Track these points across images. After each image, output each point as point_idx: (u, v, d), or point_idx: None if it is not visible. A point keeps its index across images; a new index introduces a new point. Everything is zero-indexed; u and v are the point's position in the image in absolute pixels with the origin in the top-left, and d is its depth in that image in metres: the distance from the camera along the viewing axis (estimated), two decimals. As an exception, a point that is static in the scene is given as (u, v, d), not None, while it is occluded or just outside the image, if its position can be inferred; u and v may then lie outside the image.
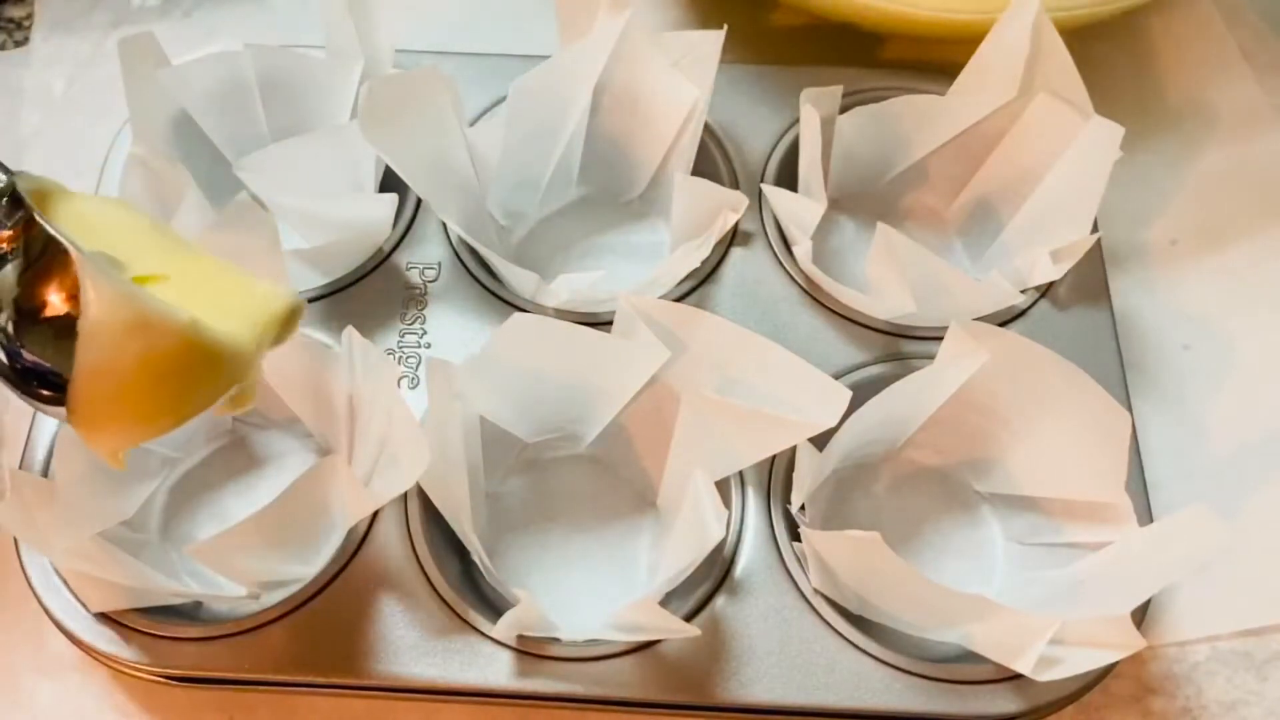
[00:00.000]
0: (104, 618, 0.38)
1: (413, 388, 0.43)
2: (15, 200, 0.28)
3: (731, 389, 0.38)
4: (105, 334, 0.28)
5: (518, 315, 0.38)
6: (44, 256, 0.28)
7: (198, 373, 0.31)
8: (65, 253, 0.28)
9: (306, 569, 0.39)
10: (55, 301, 0.27)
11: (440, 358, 0.38)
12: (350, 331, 0.39)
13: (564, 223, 0.50)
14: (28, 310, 0.28)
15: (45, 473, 0.41)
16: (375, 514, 0.40)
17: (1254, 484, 0.45)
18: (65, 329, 0.27)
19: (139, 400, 0.30)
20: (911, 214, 0.50)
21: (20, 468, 0.41)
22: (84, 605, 0.38)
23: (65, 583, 0.38)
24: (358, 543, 0.39)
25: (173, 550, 0.42)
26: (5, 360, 0.28)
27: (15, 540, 0.39)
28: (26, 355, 0.28)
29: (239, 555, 0.36)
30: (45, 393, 0.28)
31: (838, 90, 0.46)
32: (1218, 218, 0.52)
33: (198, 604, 0.40)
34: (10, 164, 0.30)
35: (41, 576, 0.39)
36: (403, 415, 0.36)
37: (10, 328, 0.28)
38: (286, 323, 0.34)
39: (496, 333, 0.38)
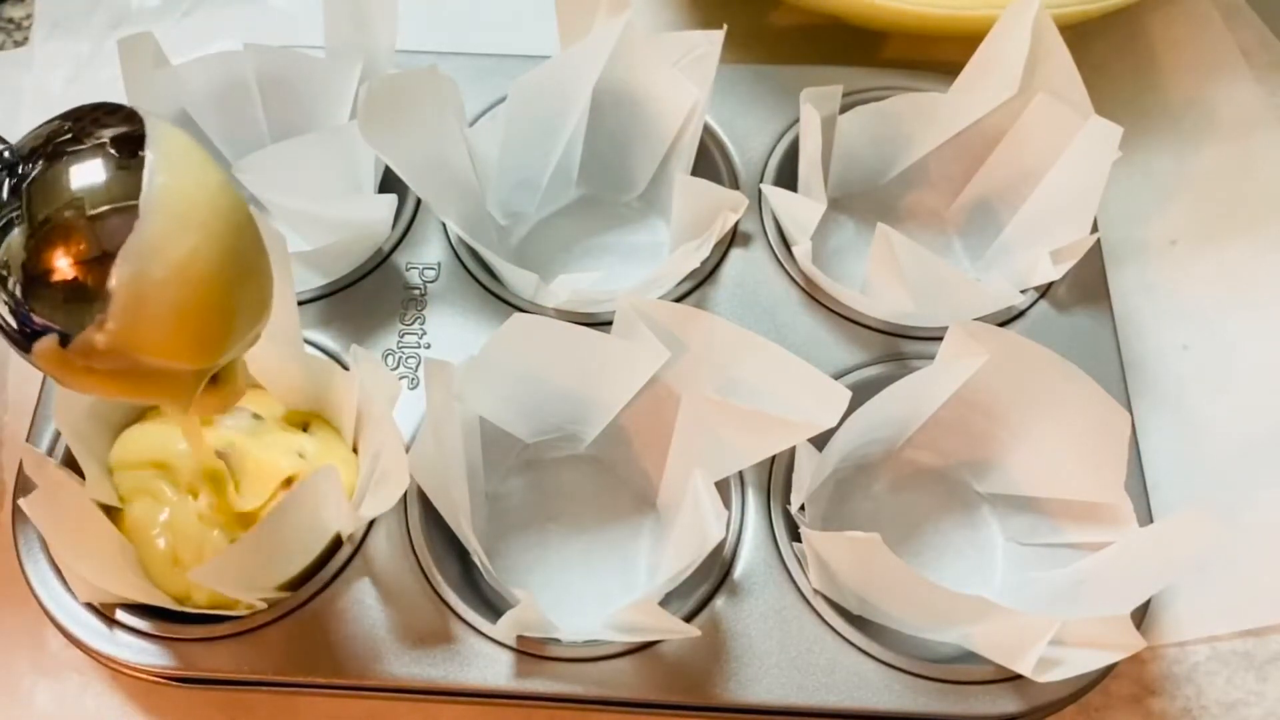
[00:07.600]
0: (104, 619, 0.38)
1: (412, 388, 0.43)
2: (11, 167, 0.28)
3: (731, 389, 0.38)
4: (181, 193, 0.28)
5: (518, 316, 0.38)
6: (49, 222, 0.28)
7: (250, 261, 0.31)
8: (71, 218, 0.27)
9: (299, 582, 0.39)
10: (63, 266, 0.27)
11: (439, 358, 0.38)
12: (356, 349, 0.39)
13: (564, 223, 0.50)
14: (36, 275, 0.27)
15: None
16: (375, 514, 0.40)
17: (1254, 484, 0.45)
18: (73, 292, 0.27)
19: (200, 280, 0.28)
20: (911, 214, 0.50)
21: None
22: (74, 593, 0.38)
23: (64, 584, 0.38)
24: (357, 543, 0.39)
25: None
26: (15, 325, 0.28)
27: (15, 541, 0.39)
28: (36, 319, 0.28)
29: (241, 573, 0.36)
30: None
31: (838, 90, 0.45)
32: (1218, 218, 0.52)
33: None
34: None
35: (41, 577, 0.39)
36: (392, 437, 0.37)
37: (19, 291, 0.28)
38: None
39: (496, 333, 0.38)
